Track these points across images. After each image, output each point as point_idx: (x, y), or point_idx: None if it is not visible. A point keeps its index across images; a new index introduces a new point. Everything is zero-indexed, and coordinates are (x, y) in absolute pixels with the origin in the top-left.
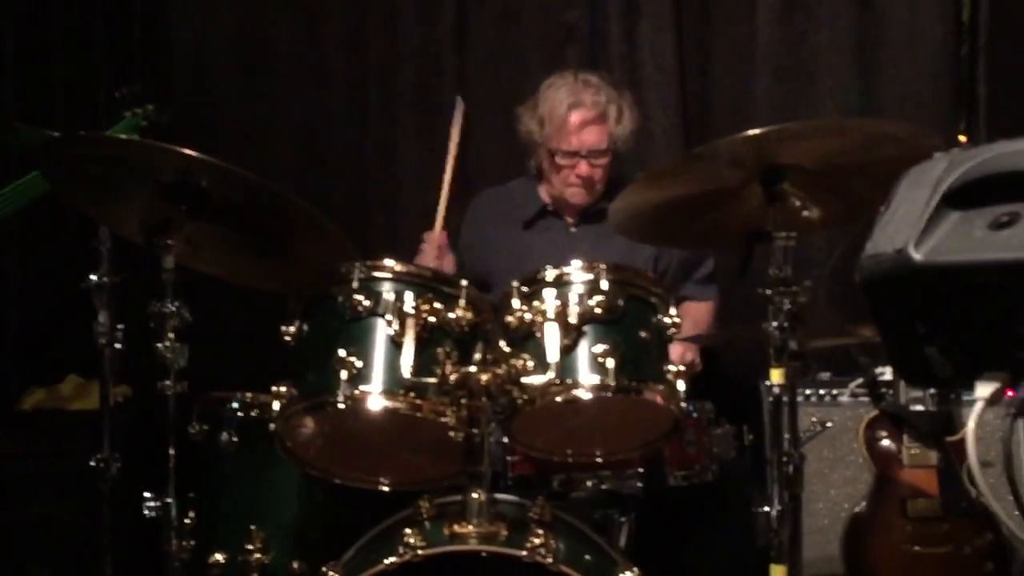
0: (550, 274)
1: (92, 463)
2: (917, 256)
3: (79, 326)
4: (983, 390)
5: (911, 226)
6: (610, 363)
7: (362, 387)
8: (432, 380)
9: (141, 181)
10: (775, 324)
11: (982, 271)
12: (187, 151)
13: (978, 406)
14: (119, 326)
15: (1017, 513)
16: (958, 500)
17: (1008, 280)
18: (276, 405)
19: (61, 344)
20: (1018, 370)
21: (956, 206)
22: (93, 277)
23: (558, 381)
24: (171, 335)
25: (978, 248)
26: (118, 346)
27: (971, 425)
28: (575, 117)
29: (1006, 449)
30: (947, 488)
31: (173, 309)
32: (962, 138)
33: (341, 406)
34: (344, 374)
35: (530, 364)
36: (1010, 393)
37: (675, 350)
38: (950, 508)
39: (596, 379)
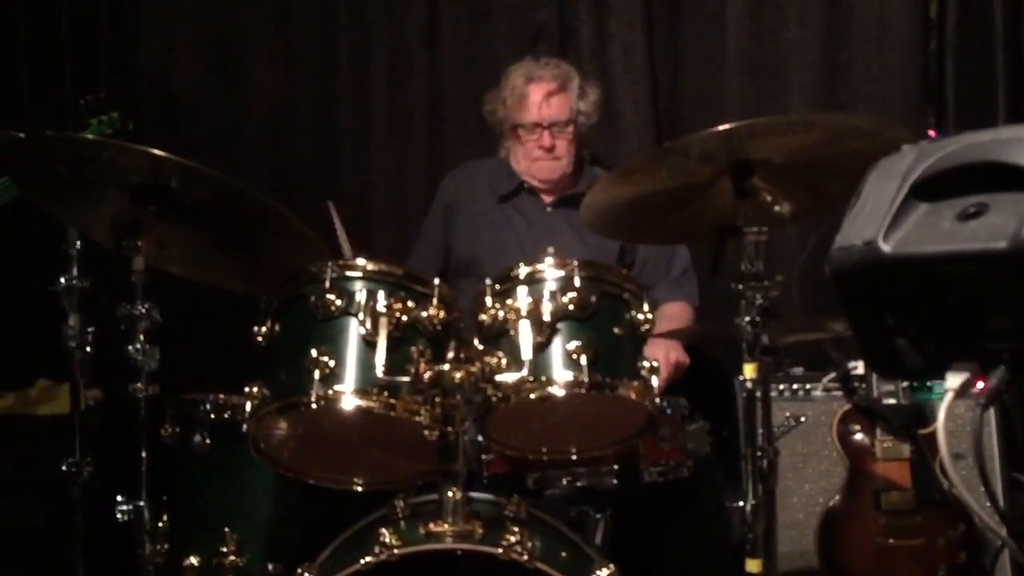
0: (523, 271)
1: (63, 467)
2: (886, 248)
3: (48, 329)
4: (953, 381)
5: (880, 218)
6: (584, 360)
7: (335, 387)
8: (405, 379)
9: (110, 182)
10: (747, 319)
11: (950, 262)
12: (156, 151)
13: (948, 397)
14: (89, 329)
15: (988, 503)
16: (931, 492)
17: (976, 271)
18: (248, 406)
19: (30, 348)
20: (987, 361)
21: (924, 198)
22: (62, 280)
23: (532, 378)
24: (142, 337)
25: (946, 239)
26: (88, 349)
27: (941, 416)
28: (534, 89)
29: (976, 439)
30: (920, 480)
31: (143, 311)
32: (931, 132)
33: (314, 406)
34: (317, 374)
35: (504, 362)
36: (980, 385)
37: (659, 351)
38: (923, 500)
39: (570, 376)
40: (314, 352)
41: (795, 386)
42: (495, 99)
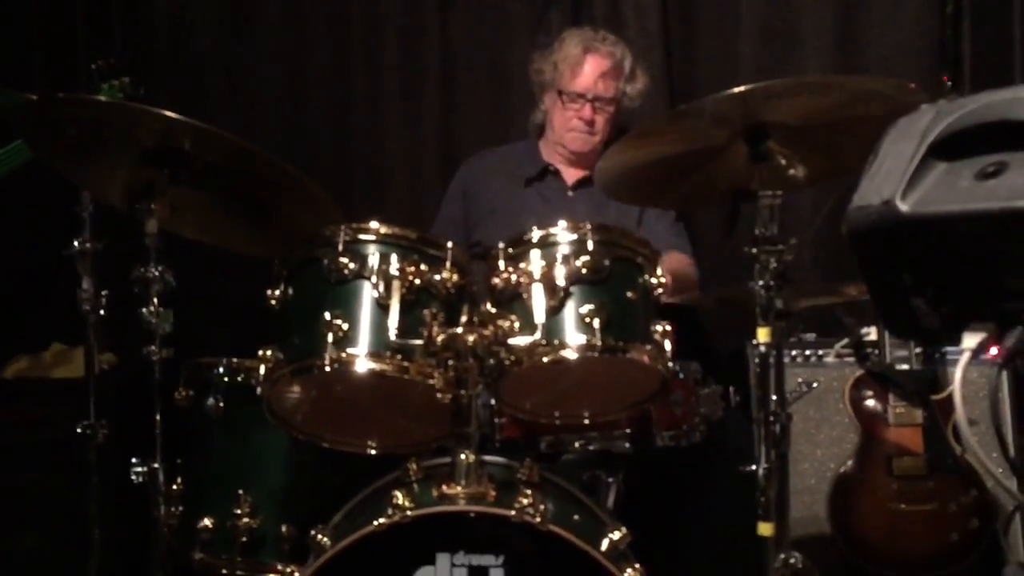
0: (536, 235)
1: (78, 430)
2: (904, 207)
3: (62, 293)
4: (970, 341)
5: (898, 177)
6: (596, 323)
7: (348, 350)
8: (418, 342)
9: (123, 145)
10: (761, 283)
11: (968, 221)
12: (169, 113)
13: (965, 356)
14: (103, 292)
15: (1001, 465)
16: (943, 458)
17: (994, 230)
18: (262, 369)
19: (44, 311)
20: (1004, 321)
21: (942, 157)
22: (76, 243)
23: (544, 342)
24: (155, 300)
25: (964, 198)
26: (102, 312)
27: (958, 375)
28: (589, 61)
29: (993, 399)
30: (932, 446)
31: (157, 274)
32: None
33: (327, 369)
34: (330, 337)
35: (516, 325)
36: (994, 351)
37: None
38: (935, 466)
39: (583, 339)
40: (327, 315)
41: (807, 352)
42: (544, 60)
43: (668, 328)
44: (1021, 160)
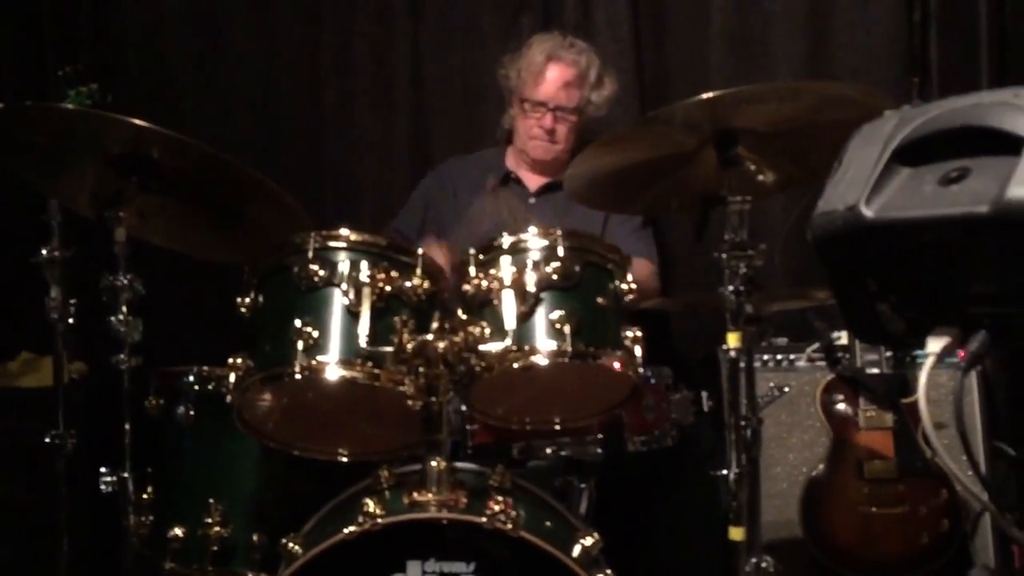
0: (506, 241)
1: (47, 440)
2: (868, 213)
3: (31, 301)
4: (935, 346)
5: (862, 183)
6: (567, 329)
7: (319, 357)
8: (389, 349)
9: (91, 153)
10: (731, 288)
11: (932, 227)
12: (136, 121)
13: (929, 360)
14: (71, 301)
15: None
16: (913, 461)
17: (958, 235)
18: (232, 377)
19: (12, 320)
20: (969, 326)
21: (906, 163)
22: (44, 251)
23: (515, 348)
24: (124, 309)
25: (928, 204)
26: (71, 321)
27: (923, 381)
28: (552, 69)
29: (957, 403)
30: (902, 449)
31: (126, 282)
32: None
33: (298, 377)
34: (300, 344)
35: (487, 331)
36: (961, 354)
37: None
38: (906, 469)
39: (553, 345)
40: (298, 323)
41: (779, 356)
42: (510, 66)
43: (639, 334)
44: (983, 165)
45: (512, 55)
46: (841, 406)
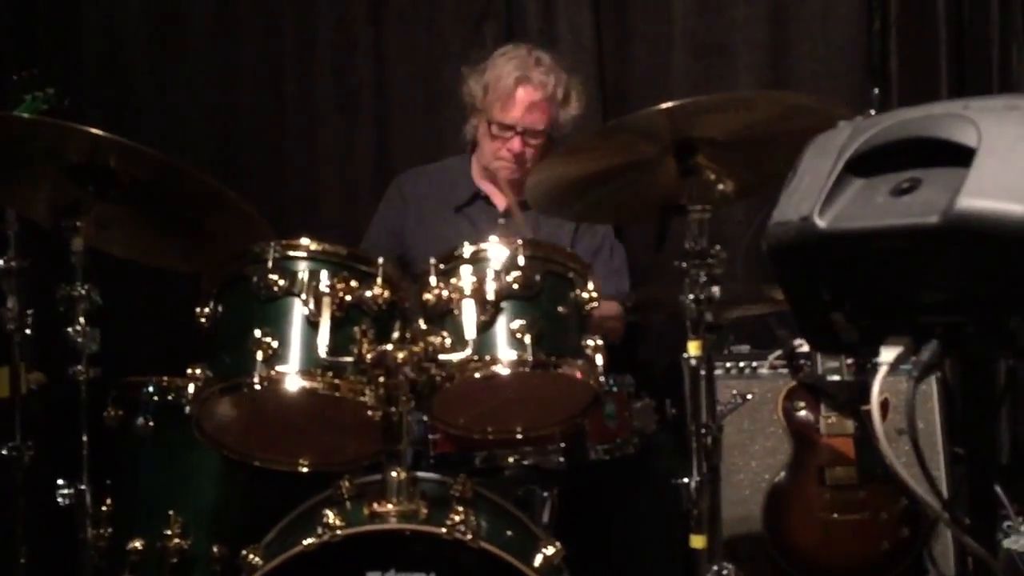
0: (467, 251)
1: (4, 452)
2: (821, 223)
3: None
4: (888, 355)
5: (816, 194)
6: (528, 339)
7: (278, 368)
8: (349, 359)
9: (47, 162)
10: (691, 297)
11: (884, 237)
12: (93, 130)
13: (882, 370)
14: (28, 311)
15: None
16: (874, 468)
17: (909, 245)
18: (191, 388)
19: None
20: (921, 335)
21: (859, 173)
22: (0, 261)
23: (476, 358)
24: (82, 319)
25: (880, 214)
26: (28, 331)
27: (875, 390)
28: (520, 92)
29: (909, 411)
30: (864, 456)
31: (83, 292)
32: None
33: (257, 387)
34: (260, 355)
35: (448, 341)
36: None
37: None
38: (867, 476)
39: (514, 355)
40: (257, 333)
41: (741, 364)
42: (476, 81)
43: (600, 342)
44: (934, 176)
45: (475, 67)
46: (803, 413)
